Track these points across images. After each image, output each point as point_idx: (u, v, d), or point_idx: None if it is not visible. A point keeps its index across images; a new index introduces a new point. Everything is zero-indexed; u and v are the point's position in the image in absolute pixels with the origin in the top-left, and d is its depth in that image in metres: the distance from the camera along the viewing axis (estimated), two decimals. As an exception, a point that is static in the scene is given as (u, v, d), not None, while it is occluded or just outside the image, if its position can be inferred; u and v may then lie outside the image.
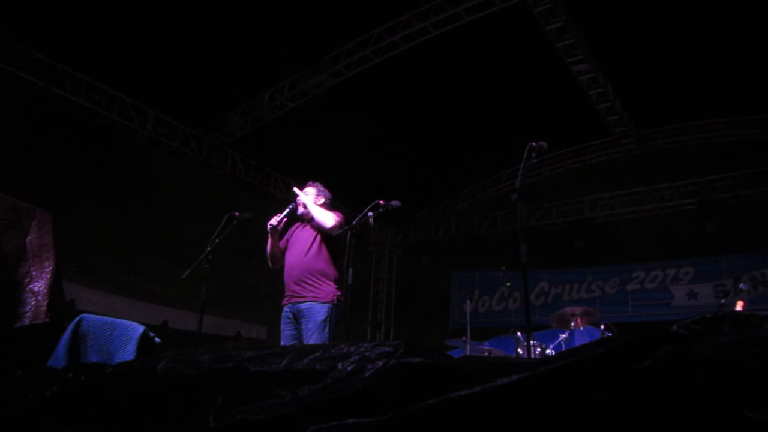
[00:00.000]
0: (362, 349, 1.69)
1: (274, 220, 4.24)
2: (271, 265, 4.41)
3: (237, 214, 4.48)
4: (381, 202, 3.93)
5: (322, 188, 4.49)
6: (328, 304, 4.04)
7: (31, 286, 3.22)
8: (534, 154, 3.37)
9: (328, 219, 4.13)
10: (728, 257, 9.99)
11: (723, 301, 6.31)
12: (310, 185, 4.50)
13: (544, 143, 3.38)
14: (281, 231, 4.37)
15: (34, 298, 3.19)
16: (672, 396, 1.24)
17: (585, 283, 11.35)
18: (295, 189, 4.40)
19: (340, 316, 4.05)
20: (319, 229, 4.21)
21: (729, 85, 8.84)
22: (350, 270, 3.77)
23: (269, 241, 4.33)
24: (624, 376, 1.30)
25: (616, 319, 9.25)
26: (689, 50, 8.14)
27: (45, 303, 3.20)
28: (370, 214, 3.90)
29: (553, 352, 5.85)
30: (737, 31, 7.75)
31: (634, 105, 9.91)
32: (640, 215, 10.74)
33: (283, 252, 4.34)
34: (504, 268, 7.24)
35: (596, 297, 11.04)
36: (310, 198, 4.32)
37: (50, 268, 3.32)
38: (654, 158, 10.76)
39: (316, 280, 4.10)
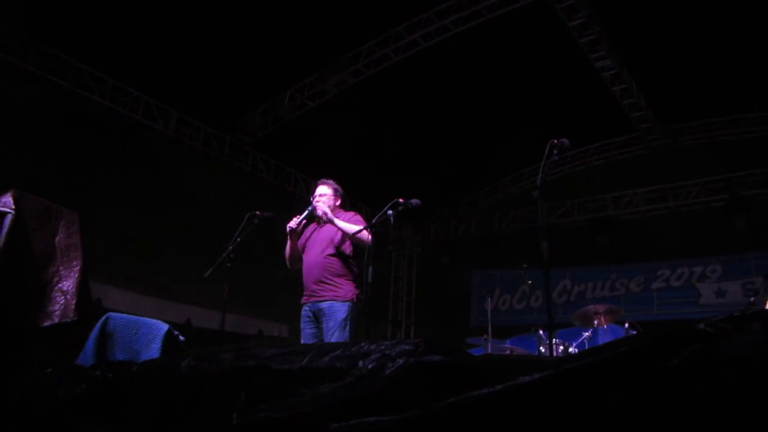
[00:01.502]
0: (382, 348, 1.69)
1: (293, 223, 4.26)
2: (289, 267, 4.44)
3: (258, 213, 4.51)
4: (401, 200, 3.92)
5: (335, 185, 4.48)
6: (348, 303, 4.06)
7: (60, 285, 3.29)
8: (555, 151, 3.33)
9: (364, 236, 4.06)
10: (758, 255, 9.76)
11: (752, 299, 6.18)
12: (322, 183, 4.49)
13: (565, 140, 3.35)
14: (299, 232, 4.40)
15: (63, 297, 3.26)
16: (700, 395, 1.22)
17: (609, 281, 11.20)
18: (321, 213, 4.26)
19: (360, 315, 4.07)
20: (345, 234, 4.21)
21: (758, 80, 8.64)
22: (370, 268, 3.78)
23: (288, 243, 4.35)
24: (649, 376, 1.28)
25: (641, 318, 9.11)
26: (715, 45, 7.98)
27: (74, 302, 3.26)
28: (390, 212, 3.90)
29: (576, 351, 5.79)
30: (765, 24, 7.57)
31: (658, 101, 9.75)
32: (665, 212, 10.56)
33: (302, 253, 4.36)
34: (525, 266, 7.18)
35: (620, 295, 10.89)
36: (327, 208, 4.25)
37: (78, 267, 3.39)
38: (680, 155, 10.56)
39: (336, 280, 4.11)
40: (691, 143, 10.56)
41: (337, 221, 4.19)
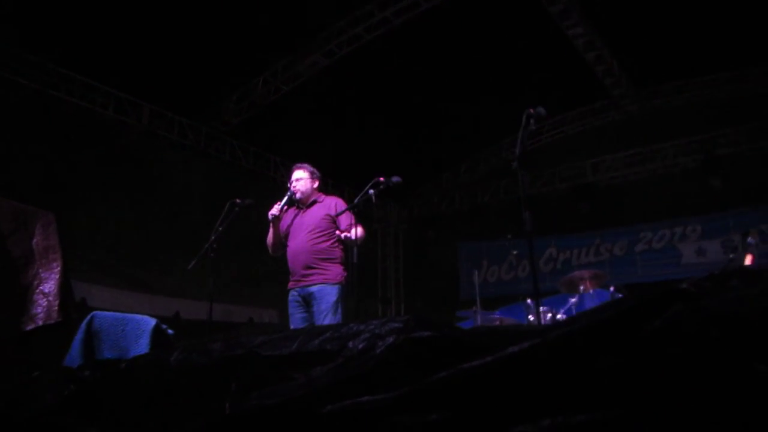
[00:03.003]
0: (372, 327, 1.69)
1: (275, 210, 4.24)
2: (271, 253, 4.41)
3: (238, 201, 4.47)
4: (381, 179, 3.91)
5: (311, 168, 4.46)
6: (338, 286, 4.07)
7: (41, 287, 3.24)
8: (532, 120, 3.33)
9: (361, 238, 4.06)
10: (735, 212, 9.93)
11: (732, 256, 6.31)
12: (297, 168, 4.46)
13: (541, 109, 3.34)
14: (280, 218, 4.37)
15: (45, 299, 3.21)
16: (684, 353, 1.24)
17: (593, 247, 11.33)
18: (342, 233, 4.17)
19: (349, 296, 4.08)
20: (329, 217, 4.20)
21: (730, 38, 8.69)
22: (355, 249, 3.78)
23: (270, 230, 4.33)
24: (635, 337, 1.29)
25: (626, 281, 9.26)
26: (686, 4, 8.00)
27: (56, 303, 3.22)
28: (371, 191, 3.89)
29: (564, 317, 5.87)
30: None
31: (631, 65, 9.79)
32: (644, 175, 10.68)
33: (285, 239, 4.35)
34: (510, 236, 7.22)
35: (605, 260, 11.03)
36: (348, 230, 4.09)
37: (58, 268, 3.33)
38: (655, 118, 10.65)
39: (325, 263, 4.11)
40: (666, 105, 10.65)
41: (354, 238, 4.06)
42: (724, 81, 10.08)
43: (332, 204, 4.29)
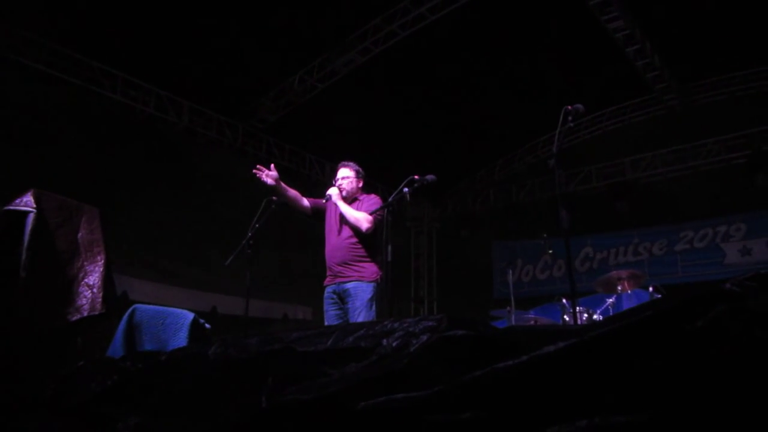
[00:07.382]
0: (406, 325, 1.70)
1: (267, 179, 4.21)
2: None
3: (275, 198, 4.52)
4: (416, 177, 3.90)
5: (356, 167, 4.47)
6: (373, 283, 4.10)
7: (86, 279, 3.35)
8: (570, 118, 3.28)
9: (362, 222, 4.12)
10: (783, 210, 9.59)
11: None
12: (343, 166, 4.48)
13: (580, 106, 3.29)
14: (322, 209, 4.41)
15: (89, 291, 3.32)
16: (728, 355, 1.21)
17: (631, 246, 11.09)
18: (331, 192, 4.31)
19: (383, 294, 4.09)
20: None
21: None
22: (389, 247, 3.78)
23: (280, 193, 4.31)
24: (675, 339, 1.27)
25: (666, 281, 9.02)
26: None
27: (100, 295, 3.33)
28: (406, 189, 3.88)
29: (601, 318, 5.76)
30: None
31: (674, 59, 9.53)
32: (685, 173, 10.40)
33: (325, 232, 4.38)
34: (545, 235, 7.11)
35: (644, 260, 10.78)
36: (337, 192, 4.28)
37: (102, 261, 3.44)
38: (698, 113, 10.35)
39: (360, 260, 4.14)
40: (710, 100, 10.33)
41: (340, 204, 4.21)
42: (769, 74, 9.73)
43: (371, 202, 4.31)
